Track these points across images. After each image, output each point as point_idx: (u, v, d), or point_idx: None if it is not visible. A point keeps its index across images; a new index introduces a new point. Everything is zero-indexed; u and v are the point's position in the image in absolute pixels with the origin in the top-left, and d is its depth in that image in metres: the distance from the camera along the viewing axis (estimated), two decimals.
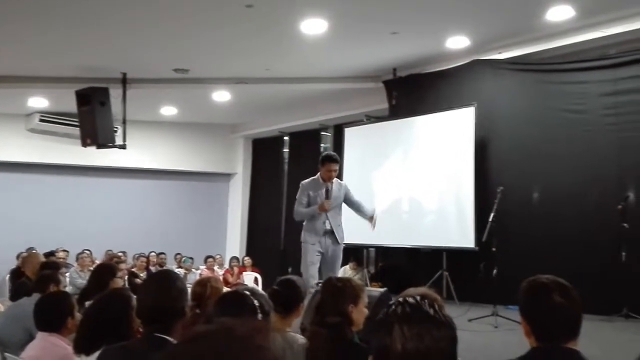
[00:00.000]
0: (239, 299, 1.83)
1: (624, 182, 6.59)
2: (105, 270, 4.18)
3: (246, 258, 11.34)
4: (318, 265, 5.78)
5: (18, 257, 9.11)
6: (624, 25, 6.69)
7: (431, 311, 1.25)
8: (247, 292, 1.86)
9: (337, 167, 5.80)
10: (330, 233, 5.75)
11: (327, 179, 5.73)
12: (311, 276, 5.67)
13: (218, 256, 11.31)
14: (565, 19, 6.85)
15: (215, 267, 10.68)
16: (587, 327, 1.97)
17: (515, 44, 7.64)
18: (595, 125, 6.95)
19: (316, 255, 5.78)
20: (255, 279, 10.40)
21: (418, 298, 1.31)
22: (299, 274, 5.54)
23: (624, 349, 4.76)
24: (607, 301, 5.99)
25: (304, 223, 5.88)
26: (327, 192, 5.73)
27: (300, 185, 5.86)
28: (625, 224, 6.04)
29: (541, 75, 7.58)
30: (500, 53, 7.84)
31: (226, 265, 11.21)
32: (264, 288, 6.73)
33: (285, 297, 2.93)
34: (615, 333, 5.35)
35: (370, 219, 5.88)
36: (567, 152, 7.09)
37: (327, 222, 5.77)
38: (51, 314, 3.05)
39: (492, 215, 6.24)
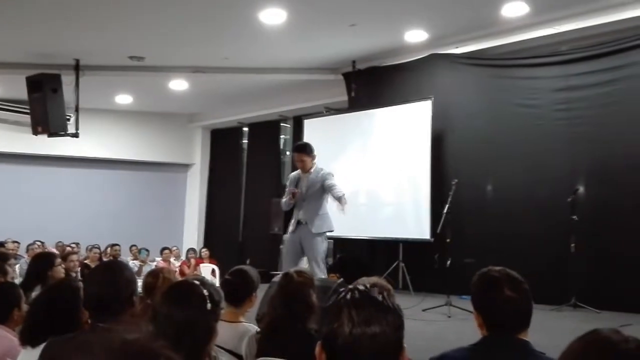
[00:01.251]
0: (187, 289, 1.80)
1: (574, 176, 6.79)
2: (43, 260, 4.07)
3: (204, 250, 11.23)
4: (297, 254, 5.77)
5: None
6: (576, 22, 6.88)
7: (379, 297, 1.26)
8: (197, 282, 1.84)
9: (304, 156, 5.79)
10: (305, 224, 5.74)
11: (301, 169, 5.78)
12: (285, 267, 5.68)
13: (175, 248, 11.15)
14: (519, 15, 6.99)
15: (172, 259, 10.54)
16: (537, 317, 2.03)
17: (471, 38, 7.76)
18: (547, 119, 7.14)
19: (292, 244, 5.79)
20: (213, 271, 10.31)
21: (368, 285, 1.33)
22: (257, 265, 5.52)
23: (571, 337, 4.91)
24: (557, 291, 6.19)
25: None
26: (297, 181, 5.79)
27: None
28: (574, 217, 6.22)
29: (496, 70, 7.73)
30: (457, 47, 7.95)
31: (183, 257, 11.07)
32: (221, 279, 6.69)
33: (237, 287, 2.92)
34: (563, 322, 5.52)
35: (339, 200, 5.67)
36: (520, 146, 7.26)
37: (301, 212, 5.77)
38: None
39: (446, 207, 6.35)
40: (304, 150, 5.88)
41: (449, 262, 6.20)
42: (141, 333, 0.71)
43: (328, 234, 6.00)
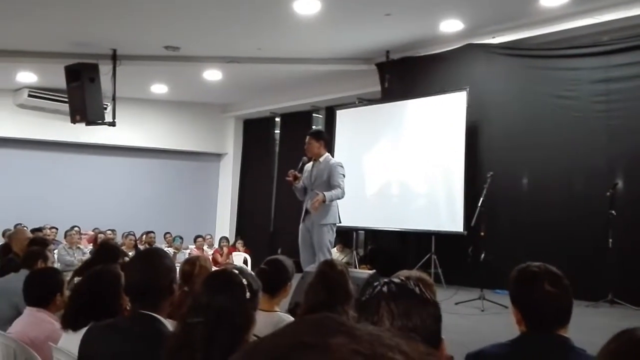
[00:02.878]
0: (227, 277, 1.82)
1: (613, 169, 6.64)
2: (109, 253, 4.11)
3: (239, 242, 11.27)
4: (309, 243, 5.73)
5: (4, 234, 9.04)
6: (617, 12, 6.70)
7: (417, 290, 1.26)
8: (236, 271, 1.86)
9: (312, 140, 5.68)
10: (311, 213, 5.70)
11: (306, 152, 5.72)
12: (301, 255, 5.68)
13: (208, 236, 11.30)
14: (559, 5, 6.83)
15: (205, 247, 10.68)
16: (572, 313, 1.99)
17: (509, 28, 7.62)
18: (586, 111, 6.97)
19: (303, 234, 5.76)
20: (245, 260, 10.41)
21: (403, 278, 1.33)
22: (289, 255, 5.53)
23: (608, 334, 4.82)
24: (593, 287, 6.06)
25: None
26: (302, 166, 5.71)
27: None
28: (612, 211, 6.09)
29: (534, 60, 7.58)
30: (494, 37, 7.82)
31: (216, 245, 11.20)
32: (252, 269, 6.74)
33: (272, 276, 2.94)
34: (599, 318, 5.41)
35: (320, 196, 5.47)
36: (557, 138, 7.11)
37: (308, 202, 5.72)
38: (40, 290, 3.05)
39: (481, 200, 6.27)
40: (313, 134, 5.83)
41: (482, 255, 6.13)
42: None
43: (339, 224, 5.88)
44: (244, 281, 1.80)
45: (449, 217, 7.74)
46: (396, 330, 1.12)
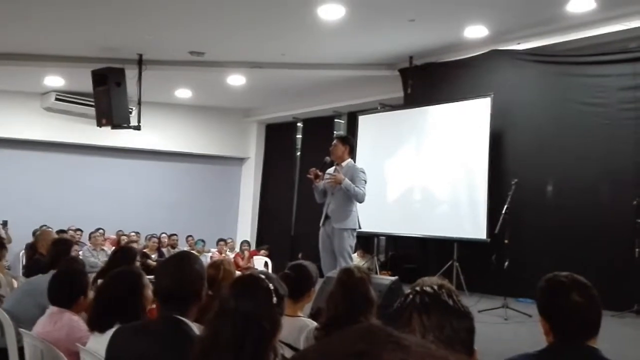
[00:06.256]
0: (254, 282, 1.83)
1: None
2: (125, 254, 4.17)
3: (263, 250, 11.26)
4: (329, 248, 5.73)
5: (34, 233, 9.22)
6: None
7: (450, 301, 1.24)
8: (262, 276, 1.87)
9: (338, 143, 5.74)
10: (331, 218, 5.71)
11: (331, 154, 5.75)
12: (322, 260, 5.68)
13: (229, 240, 11.36)
14: (586, 11, 6.75)
15: (226, 251, 10.74)
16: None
17: (534, 34, 7.55)
18: (614, 119, 6.86)
19: (323, 238, 5.77)
20: (266, 264, 10.45)
21: (436, 287, 1.31)
22: (310, 260, 5.54)
23: (635, 345, 4.74)
24: (619, 297, 5.95)
25: None
26: (324, 165, 5.73)
27: None
28: (639, 220, 5.98)
29: (560, 67, 7.49)
30: (519, 44, 7.75)
31: (237, 249, 11.25)
32: (274, 273, 6.76)
33: (296, 281, 2.94)
34: (625, 329, 5.32)
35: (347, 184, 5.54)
36: (584, 145, 7.01)
37: (328, 206, 5.73)
38: (65, 290, 3.08)
39: (505, 207, 6.21)
40: (342, 138, 5.88)
41: (506, 263, 6.07)
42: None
43: (359, 230, 5.87)
44: (271, 286, 1.81)
45: (472, 224, 7.67)
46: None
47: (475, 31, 7.66)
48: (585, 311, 1.88)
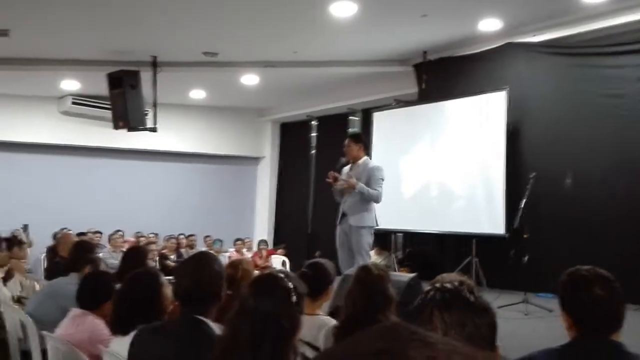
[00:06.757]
0: (273, 281, 1.83)
1: None
2: (136, 254, 4.20)
3: (280, 249, 11.31)
4: (346, 247, 5.74)
5: (54, 236, 9.33)
6: None
7: (471, 297, 1.23)
8: (281, 275, 1.87)
9: (351, 143, 5.74)
10: (347, 216, 5.70)
11: (346, 154, 5.74)
12: (340, 258, 5.69)
13: (247, 239, 11.40)
14: (601, 1, 6.66)
15: (244, 250, 10.77)
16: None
17: (549, 26, 7.46)
18: (632, 110, 6.76)
19: (340, 236, 5.77)
20: (283, 262, 10.47)
21: (456, 284, 1.30)
22: (327, 258, 5.55)
23: None
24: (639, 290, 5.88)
25: None
26: (341, 166, 5.73)
27: None
28: None
29: (576, 59, 7.39)
30: (534, 36, 7.67)
31: (254, 249, 11.29)
32: (291, 271, 6.77)
33: (314, 280, 2.94)
34: None
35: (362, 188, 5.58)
36: (602, 137, 6.92)
37: (345, 204, 5.73)
38: (94, 293, 3.10)
39: (523, 201, 6.15)
40: (353, 137, 5.85)
41: (526, 258, 6.02)
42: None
43: (378, 227, 5.87)
44: (290, 285, 1.81)
45: (489, 219, 7.62)
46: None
47: (489, 24, 7.59)
48: (608, 305, 1.85)
